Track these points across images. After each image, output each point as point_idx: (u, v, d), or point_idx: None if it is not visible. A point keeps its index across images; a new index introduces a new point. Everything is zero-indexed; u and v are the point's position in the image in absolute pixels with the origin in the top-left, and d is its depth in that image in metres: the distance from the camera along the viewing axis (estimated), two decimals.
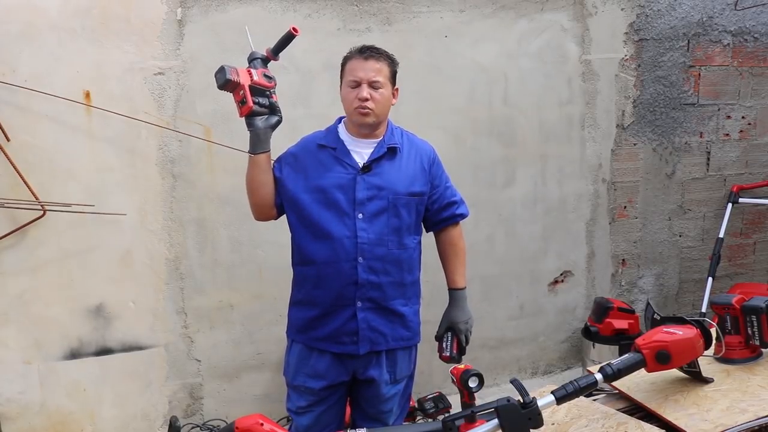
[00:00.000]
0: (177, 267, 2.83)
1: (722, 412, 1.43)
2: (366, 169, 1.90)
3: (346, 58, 1.94)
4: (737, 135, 3.66)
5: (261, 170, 1.90)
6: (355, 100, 1.87)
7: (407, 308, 2.00)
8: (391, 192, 1.91)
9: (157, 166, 2.75)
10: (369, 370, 1.96)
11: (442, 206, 2.06)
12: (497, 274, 3.32)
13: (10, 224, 2.57)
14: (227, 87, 1.78)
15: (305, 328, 1.96)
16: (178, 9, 2.67)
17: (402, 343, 2.00)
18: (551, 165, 3.32)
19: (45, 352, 2.69)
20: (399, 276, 1.95)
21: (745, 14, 3.53)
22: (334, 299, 1.91)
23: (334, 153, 1.93)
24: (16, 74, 2.50)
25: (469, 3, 3.05)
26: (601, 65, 3.33)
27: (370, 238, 1.89)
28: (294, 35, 1.85)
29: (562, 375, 3.51)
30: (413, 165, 1.98)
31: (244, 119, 1.84)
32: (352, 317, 1.91)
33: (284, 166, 1.97)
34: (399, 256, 1.94)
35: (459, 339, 2.05)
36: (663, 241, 3.64)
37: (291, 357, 2.01)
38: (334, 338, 1.92)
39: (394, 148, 1.95)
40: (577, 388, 1.38)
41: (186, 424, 2.91)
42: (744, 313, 1.65)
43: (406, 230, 1.95)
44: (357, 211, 1.88)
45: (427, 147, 2.06)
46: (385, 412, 2.01)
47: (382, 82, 1.89)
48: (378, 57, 1.90)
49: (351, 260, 1.88)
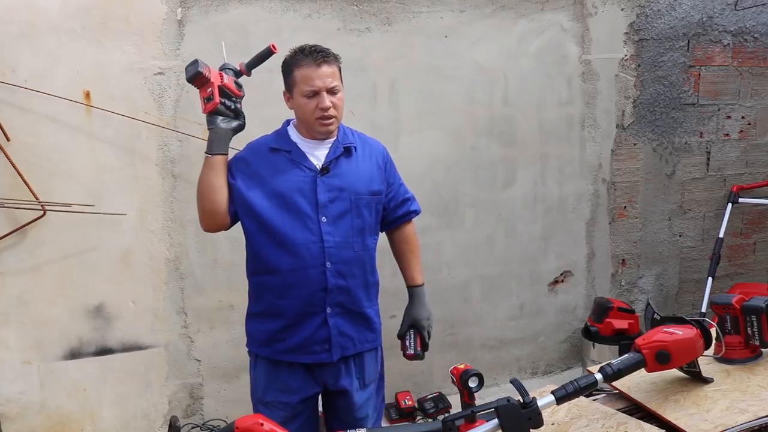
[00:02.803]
0: (177, 267, 2.83)
1: (722, 412, 1.42)
2: (324, 170, 1.84)
3: (294, 64, 1.82)
4: (737, 135, 3.66)
5: (217, 173, 1.81)
6: (317, 110, 1.80)
7: (371, 310, 1.97)
8: (352, 192, 1.86)
9: (157, 166, 2.75)
10: (340, 380, 1.92)
11: (397, 204, 2.04)
12: (497, 274, 3.32)
13: (10, 224, 2.57)
14: (197, 80, 1.73)
15: (269, 341, 1.88)
16: (178, 9, 2.67)
17: (368, 345, 1.96)
18: (551, 165, 3.33)
19: (45, 352, 2.69)
20: (363, 278, 1.91)
21: (745, 14, 3.53)
22: (302, 307, 1.84)
23: (290, 156, 1.86)
24: (16, 74, 2.50)
25: (469, 3, 3.05)
26: (601, 65, 3.33)
27: (337, 242, 1.83)
28: (272, 53, 1.82)
29: (562, 375, 3.51)
30: (369, 164, 1.94)
31: (206, 116, 1.79)
32: (323, 324, 1.85)
33: (236, 172, 1.86)
34: (363, 257, 1.90)
35: (422, 336, 2.03)
36: (663, 241, 3.64)
37: (258, 373, 1.93)
38: (304, 348, 1.85)
39: (349, 147, 1.90)
40: (577, 388, 1.38)
41: (186, 424, 2.91)
42: (744, 313, 1.65)
43: (368, 231, 1.92)
44: (320, 215, 1.82)
45: (380, 146, 2.02)
46: (360, 419, 1.96)
47: (338, 85, 1.84)
48: (329, 60, 1.82)
49: (319, 266, 1.82)
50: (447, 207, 3.18)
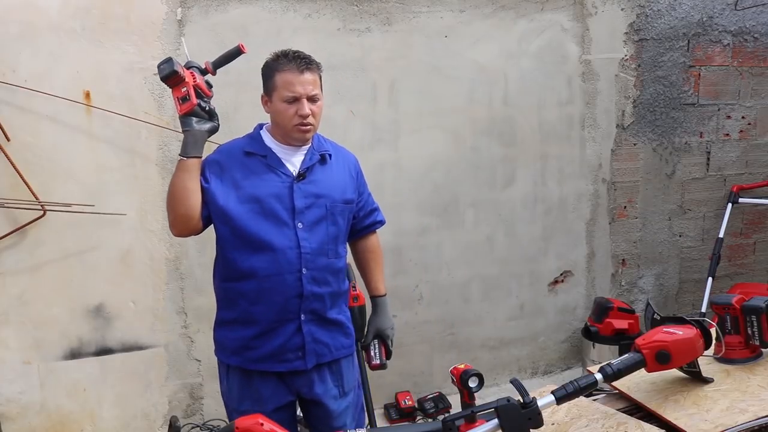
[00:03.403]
0: (177, 267, 2.83)
1: (722, 412, 1.42)
2: (301, 176, 1.82)
3: (276, 68, 1.79)
4: (737, 135, 3.66)
5: (191, 176, 1.76)
6: (296, 117, 1.77)
7: (342, 316, 1.95)
8: (328, 199, 1.85)
9: (157, 166, 2.75)
10: (314, 389, 1.89)
11: (366, 213, 2.04)
12: (497, 274, 3.32)
13: (10, 224, 2.57)
14: (172, 79, 1.69)
15: (241, 349, 1.84)
16: (178, 9, 2.67)
17: (344, 351, 1.94)
18: (551, 165, 3.32)
19: (45, 352, 2.69)
20: (336, 285, 1.90)
21: (745, 14, 3.53)
22: (276, 314, 1.81)
23: (265, 161, 1.83)
24: (16, 74, 2.50)
25: (469, 3, 3.05)
26: (601, 65, 3.33)
27: (313, 248, 1.81)
28: (241, 52, 1.80)
29: (562, 375, 3.51)
30: (342, 172, 1.93)
31: (181, 118, 1.75)
32: (297, 331, 1.82)
33: (210, 175, 1.81)
34: (336, 265, 1.89)
35: (386, 345, 2.06)
36: (663, 241, 3.64)
37: (231, 383, 1.89)
38: (277, 356, 1.82)
39: (324, 155, 1.89)
40: (577, 388, 1.38)
41: (186, 424, 2.91)
42: (744, 313, 1.65)
43: (341, 238, 1.92)
44: (296, 221, 1.80)
45: (351, 155, 2.02)
46: (338, 427, 1.93)
47: (318, 93, 1.82)
48: (311, 68, 1.80)
49: (295, 272, 1.79)
50: (447, 207, 3.18)
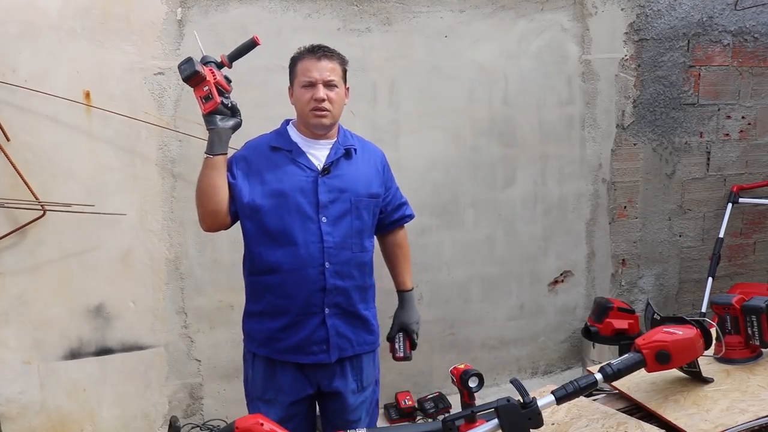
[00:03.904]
0: (177, 267, 2.83)
1: (722, 412, 1.42)
2: (326, 171, 1.85)
3: (296, 58, 1.87)
4: (737, 135, 3.66)
5: (218, 173, 1.80)
6: (311, 101, 1.81)
7: (368, 312, 1.97)
8: (352, 194, 1.87)
9: (157, 166, 2.75)
10: (334, 382, 1.92)
11: (393, 208, 2.06)
12: (497, 274, 3.32)
13: (10, 224, 2.57)
14: (193, 79, 1.72)
15: (269, 340, 1.89)
16: (178, 9, 2.67)
17: (366, 347, 1.97)
18: (551, 165, 3.32)
19: (45, 352, 2.69)
20: (362, 280, 1.93)
21: (745, 14, 3.53)
22: (301, 307, 1.85)
23: (290, 155, 1.86)
24: (16, 74, 2.50)
25: (469, 3, 3.05)
26: (601, 65, 3.33)
27: (336, 242, 1.84)
28: (255, 44, 1.81)
29: (562, 375, 3.51)
30: (368, 167, 1.95)
31: (205, 117, 1.77)
32: (321, 324, 1.86)
33: (237, 171, 1.86)
34: (361, 259, 1.92)
35: (411, 339, 2.10)
36: (663, 241, 3.64)
37: (256, 372, 1.94)
38: (303, 348, 1.86)
39: (349, 149, 1.91)
40: (577, 388, 1.38)
41: (186, 424, 2.91)
42: (744, 313, 1.65)
43: (366, 233, 1.93)
44: (320, 215, 1.83)
45: (378, 150, 2.04)
46: (352, 421, 1.96)
47: (337, 81, 1.84)
48: (331, 56, 1.85)
49: (318, 266, 1.82)
50: (447, 207, 3.18)
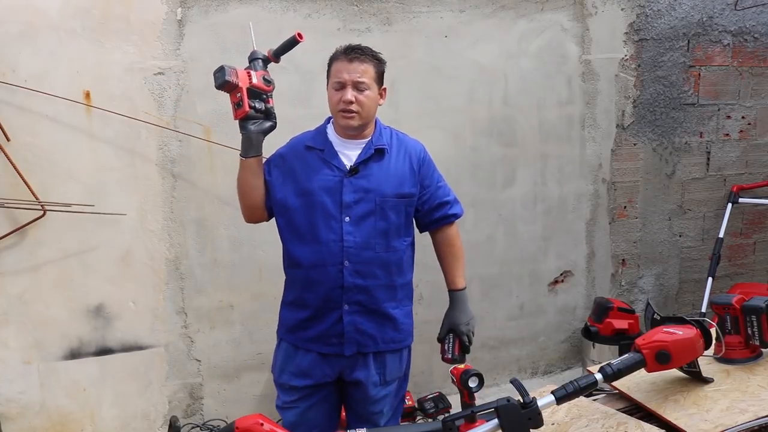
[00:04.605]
0: (177, 267, 2.83)
1: (722, 412, 1.43)
2: (353, 171, 1.88)
3: (332, 58, 1.91)
4: (737, 135, 3.66)
5: (252, 174, 1.89)
6: (340, 103, 1.84)
7: (398, 310, 1.98)
8: (378, 194, 1.88)
9: (157, 166, 2.75)
10: (355, 372, 1.95)
11: (433, 206, 2.03)
12: (497, 274, 3.32)
13: (10, 224, 2.57)
14: (225, 88, 1.77)
15: (295, 328, 1.97)
16: (178, 9, 2.67)
17: (392, 345, 1.97)
18: (551, 165, 3.32)
19: (45, 352, 2.69)
20: (388, 279, 1.93)
21: (745, 14, 3.53)
22: (321, 302, 1.91)
23: (322, 155, 1.91)
24: (16, 74, 2.50)
25: (469, 3, 3.05)
26: (601, 65, 3.33)
27: (357, 242, 1.87)
28: (298, 41, 1.84)
29: (562, 375, 3.51)
30: (402, 166, 1.95)
31: (238, 122, 1.83)
32: (339, 320, 1.90)
33: (273, 168, 1.95)
34: (387, 258, 1.92)
35: (461, 340, 2.02)
36: (663, 241, 3.64)
37: (278, 355, 2.02)
38: (322, 339, 1.93)
39: (381, 149, 1.92)
40: (577, 388, 1.39)
41: (186, 424, 2.91)
42: (744, 313, 1.65)
43: (394, 232, 1.93)
44: (344, 215, 1.86)
45: (418, 146, 2.03)
46: (375, 413, 1.99)
47: (368, 83, 1.86)
48: (363, 58, 1.87)
49: (337, 264, 1.87)
50: None
